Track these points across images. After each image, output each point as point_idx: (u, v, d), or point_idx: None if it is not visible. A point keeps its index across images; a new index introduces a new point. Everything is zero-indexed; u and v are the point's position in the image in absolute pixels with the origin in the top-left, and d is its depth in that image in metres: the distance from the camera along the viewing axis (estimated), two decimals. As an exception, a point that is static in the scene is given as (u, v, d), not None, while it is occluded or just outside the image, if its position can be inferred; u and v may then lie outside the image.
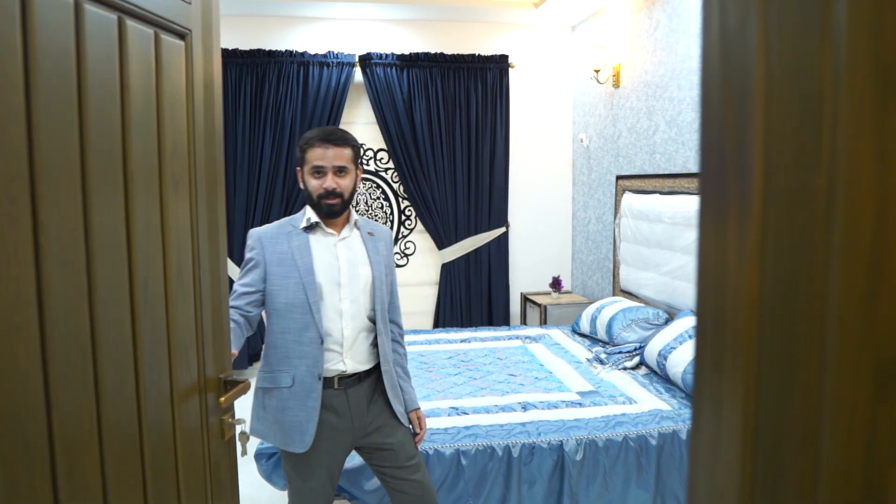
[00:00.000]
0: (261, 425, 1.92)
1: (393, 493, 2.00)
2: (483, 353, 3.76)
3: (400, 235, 5.28)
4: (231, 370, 1.47)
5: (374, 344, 1.99)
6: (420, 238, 5.29)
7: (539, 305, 4.96)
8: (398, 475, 1.98)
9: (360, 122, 5.12)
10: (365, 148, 5.16)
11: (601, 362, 3.49)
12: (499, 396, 3.01)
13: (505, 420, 2.70)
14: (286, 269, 1.87)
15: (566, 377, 3.30)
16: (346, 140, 1.91)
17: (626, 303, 3.94)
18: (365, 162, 5.17)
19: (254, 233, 1.94)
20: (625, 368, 3.40)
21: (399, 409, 2.00)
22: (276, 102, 4.78)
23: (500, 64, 5.12)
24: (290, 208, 4.87)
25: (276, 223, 1.97)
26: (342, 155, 1.89)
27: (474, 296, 5.22)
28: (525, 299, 5.31)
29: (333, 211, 1.91)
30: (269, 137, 4.78)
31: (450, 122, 5.05)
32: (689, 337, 3.12)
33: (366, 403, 1.97)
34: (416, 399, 2.13)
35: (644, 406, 2.87)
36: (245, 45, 4.78)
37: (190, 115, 1.31)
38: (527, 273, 5.46)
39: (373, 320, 1.98)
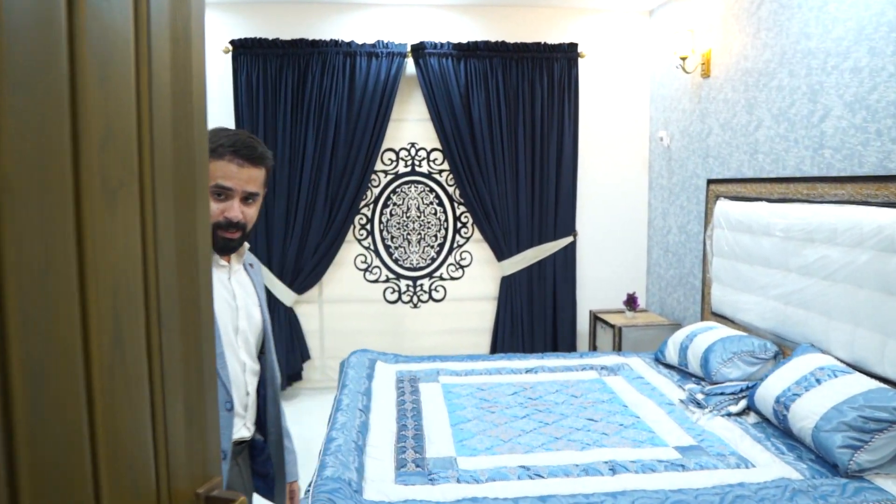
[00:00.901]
0: None
1: None
2: (554, 388, 3.19)
3: (455, 244, 4.75)
4: (218, 477, 0.97)
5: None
6: (477, 248, 4.75)
7: (612, 326, 4.36)
8: None
9: (412, 118, 4.63)
10: (417, 147, 4.67)
11: (699, 405, 2.88)
12: (578, 451, 2.44)
13: (590, 488, 2.13)
14: None
15: (658, 424, 2.71)
16: (265, 158, 1.44)
17: (724, 330, 3.31)
18: (417, 163, 4.67)
19: None
20: (729, 414, 2.79)
21: (281, 484, 1.61)
22: (319, 97, 4.34)
23: (568, 53, 4.55)
24: (334, 214, 4.42)
25: None
26: (256, 178, 1.42)
27: (537, 313, 4.66)
28: (595, 318, 4.71)
29: (230, 247, 1.46)
30: (311, 136, 4.33)
31: (512, 119, 4.51)
32: (818, 381, 2.49)
33: (248, 475, 1.59)
34: (297, 468, 1.72)
35: (765, 472, 2.26)
36: (286, 35, 4.34)
37: (143, 84, 0.80)
38: (596, 288, 4.86)
39: (257, 372, 1.58)
